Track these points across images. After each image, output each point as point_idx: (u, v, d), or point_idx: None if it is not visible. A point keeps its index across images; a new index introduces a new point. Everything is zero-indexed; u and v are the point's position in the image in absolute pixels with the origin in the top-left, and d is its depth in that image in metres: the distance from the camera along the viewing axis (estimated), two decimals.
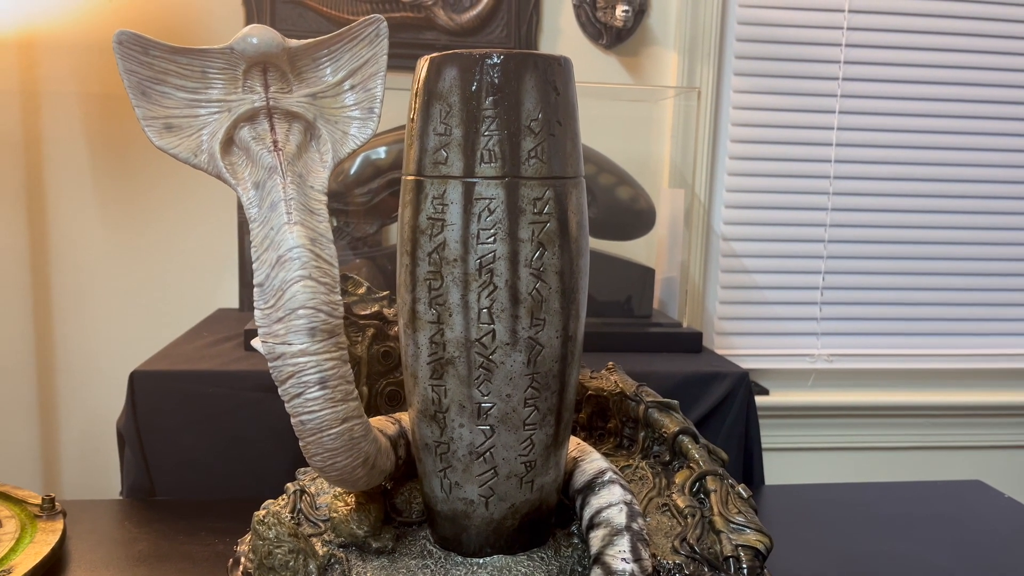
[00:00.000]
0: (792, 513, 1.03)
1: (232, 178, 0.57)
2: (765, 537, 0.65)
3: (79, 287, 1.55)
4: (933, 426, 1.77)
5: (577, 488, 0.67)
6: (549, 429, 0.62)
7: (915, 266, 1.73)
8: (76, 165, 1.52)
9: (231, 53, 0.56)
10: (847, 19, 1.63)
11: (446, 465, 0.62)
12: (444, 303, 0.59)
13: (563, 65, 0.60)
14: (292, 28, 1.48)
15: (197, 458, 1.10)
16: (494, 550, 0.64)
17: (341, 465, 0.58)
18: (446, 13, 1.51)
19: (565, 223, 0.59)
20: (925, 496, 1.09)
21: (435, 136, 0.58)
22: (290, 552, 0.62)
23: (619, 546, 0.59)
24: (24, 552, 0.79)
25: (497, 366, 0.59)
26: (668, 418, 0.76)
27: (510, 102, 0.57)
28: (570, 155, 0.60)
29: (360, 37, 0.59)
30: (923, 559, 0.90)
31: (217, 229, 1.55)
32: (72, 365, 1.56)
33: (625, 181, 1.41)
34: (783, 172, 1.67)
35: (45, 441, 1.57)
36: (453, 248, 0.58)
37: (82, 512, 0.93)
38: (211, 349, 1.23)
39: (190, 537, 0.89)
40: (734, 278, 1.69)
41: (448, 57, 0.58)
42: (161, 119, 0.56)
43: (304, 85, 0.59)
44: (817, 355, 1.73)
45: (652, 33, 1.61)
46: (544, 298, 0.59)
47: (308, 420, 0.56)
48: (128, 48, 0.54)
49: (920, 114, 1.68)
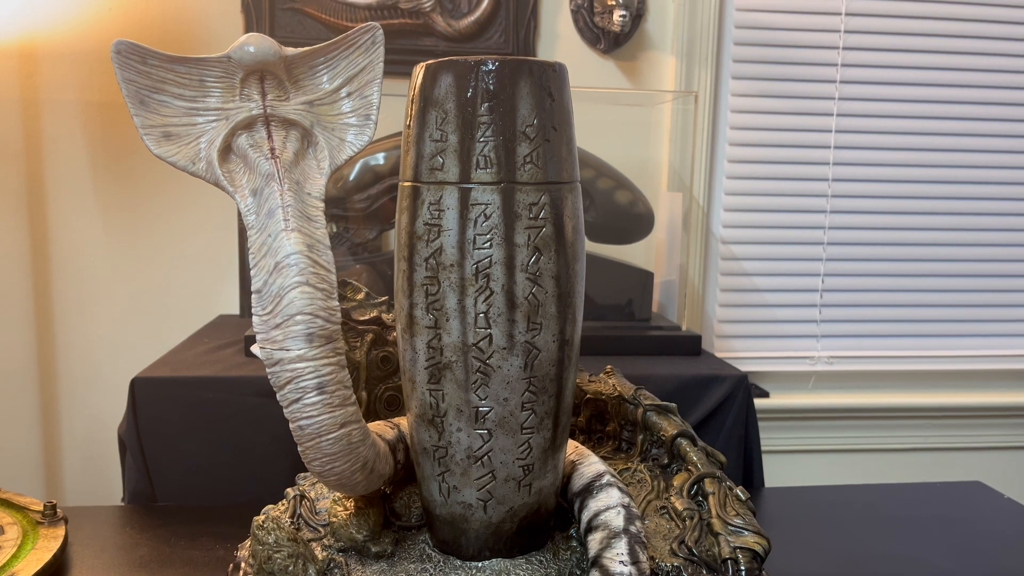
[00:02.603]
0: (792, 515, 1.03)
1: (230, 185, 0.58)
2: (763, 539, 0.65)
3: (80, 294, 1.55)
4: (933, 427, 1.77)
5: (575, 491, 0.67)
6: (547, 433, 0.62)
7: (914, 267, 1.73)
8: (77, 172, 1.52)
9: (228, 62, 0.56)
10: (844, 22, 1.63)
11: (444, 469, 0.63)
12: (441, 308, 0.59)
13: (558, 71, 0.60)
14: (291, 36, 1.49)
15: (198, 464, 1.11)
16: (493, 553, 0.65)
17: (340, 470, 0.59)
18: (444, 19, 1.52)
19: (561, 228, 0.60)
20: (925, 497, 1.09)
21: (431, 142, 0.59)
22: (289, 557, 0.62)
23: (617, 549, 0.59)
24: (26, 559, 0.79)
25: (494, 370, 0.59)
26: (666, 421, 0.76)
27: (505, 108, 0.57)
28: (565, 160, 0.60)
29: (356, 44, 0.60)
30: (924, 560, 0.90)
31: (218, 236, 1.56)
32: (73, 371, 1.57)
33: (624, 185, 1.42)
34: (781, 175, 1.67)
35: (47, 447, 1.58)
36: (450, 253, 0.58)
37: (84, 518, 0.94)
38: (212, 355, 1.23)
39: (191, 543, 0.89)
40: (733, 281, 1.69)
41: (443, 64, 0.58)
42: (159, 127, 0.57)
43: (301, 93, 0.59)
44: (817, 357, 1.73)
45: (650, 37, 1.61)
46: (540, 302, 0.59)
47: (306, 425, 0.56)
48: (126, 57, 0.55)
49: (918, 116, 1.68)
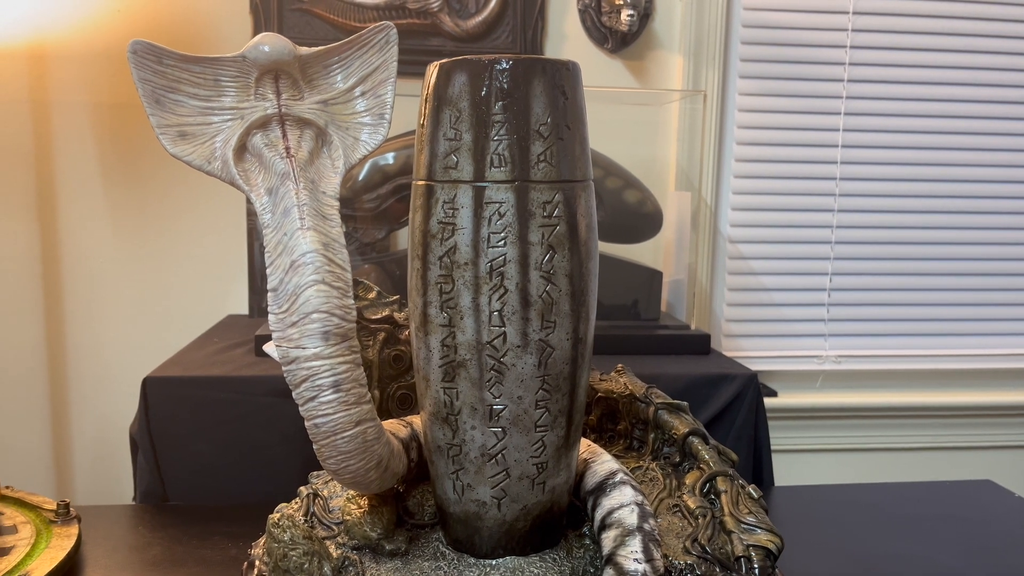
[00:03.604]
0: (802, 514, 1.03)
1: (245, 184, 0.58)
2: (776, 537, 0.65)
3: (90, 294, 1.56)
4: (942, 426, 1.77)
5: (588, 489, 0.67)
6: (560, 431, 0.63)
7: (922, 266, 1.73)
8: (87, 173, 1.53)
9: (243, 61, 0.56)
10: (851, 21, 1.63)
11: (458, 467, 0.63)
12: (455, 306, 0.59)
13: (571, 70, 0.60)
14: (299, 36, 1.49)
15: (209, 463, 1.11)
16: (506, 551, 0.65)
17: (355, 468, 0.59)
18: (452, 19, 1.52)
19: (575, 226, 0.60)
20: (935, 496, 1.09)
21: (445, 141, 0.59)
22: (305, 555, 0.62)
23: (631, 547, 0.59)
24: (40, 557, 0.79)
25: (508, 368, 0.60)
26: (678, 420, 0.76)
27: (519, 107, 0.58)
28: (579, 159, 0.61)
29: (370, 44, 0.60)
30: (933, 559, 0.90)
31: (226, 236, 1.56)
32: (84, 371, 1.57)
33: (632, 184, 1.42)
34: (789, 174, 1.67)
35: (57, 447, 1.58)
36: (464, 252, 0.58)
37: (96, 517, 0.94)
38: (222, 355, 1.24)
39: (204, 541, 0.90)
40: (741, 280, 1.69)
41: (457, 63, 0.59)
42: (175, 127, 0.57)
43: (315, 92, 0.60)
44: (825, 356, 1.73)
45: (657, 37, 1.61)
46: (554, 301, 0.59)
47: (322, 423, 0.56)
48: (142, 57, 0.55)
49: (926, 115, 1.68)
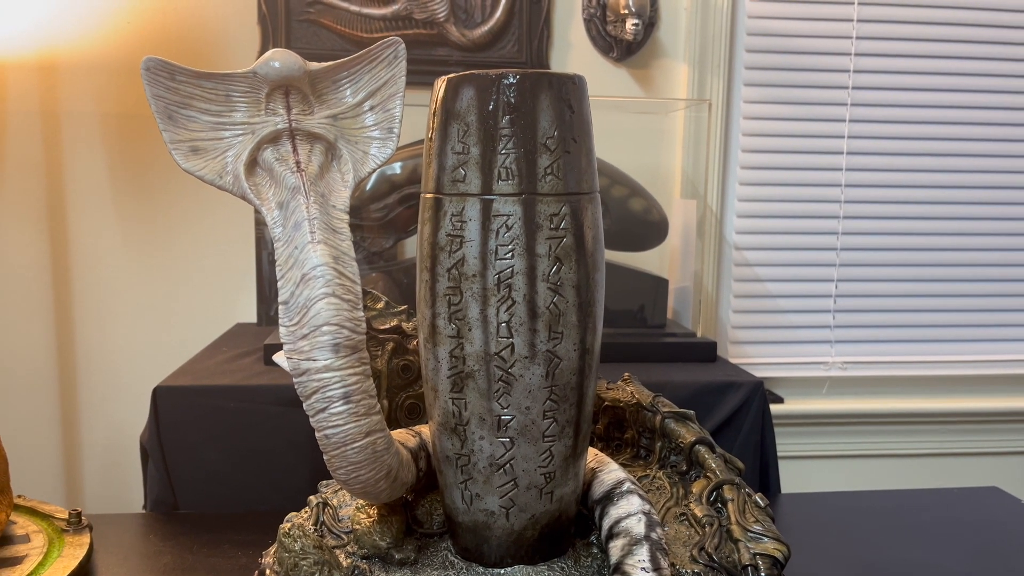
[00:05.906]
0: (809, 521, 1.03)
1: (256, 198, 0.59)
2: (783, 545, 0.65)
3: (100, 304, 1.57)
4: (948, 432, 1.76)
5: (596, 499, 0.67)
6: (568, 440, 0.63)
7: (928, 272, 1.73)
8: (96, 184, 1.54)
9: (254, 77, 0.57)
10: (856, 29, 1.64)
11: (467, 477, 0.63)
12: (463, 318, 0.60)
13: (577, 83, 0.61)
14: (307, 47, 1.50)
15: (219, 471, 1.12)
16: (515, 560, 0.65)
17: (364, 478, 0.60)
18: (458, 29, 1.53)
19: (581, 238, 0.60)
20: (941, 503, 1.09)
21: (453, 155, 0.60)
22: (316, 564, 0.63)
23: (639, 555, 0.59)
24: (53, 566, 0.80)
25: (516, 379, 0.60)
26: (684, 428, 0.77)
27: (526, 121, 0.58)
28: (585, 171, 0.61)
29: (379, 59, 0.61)
30: (940, 566, 0.90)
31: (235, 246, 1.57)
32: (93, 380, 1.58)
33: (638, 193, 1.42)
34: (794, 181, 1.68)
35: (67, 455, 1.59)
36: (472, 264, 0.59)
37: (107, 526, 0.95)
38: (231, 364, 1.25)
39: (214, 550, 0.90)
40: (747, 287, 1.69)
41: (465, 78, 0.59)
42: (187, 142, 0.58)
43: (325, 107, 0.60)
44: (831, 363, 1.73)
45: (662, 46, 1.62)
46: (561, 312, 0.60)
47: (332, 434, 0.57)
48: (155, 74, 0.56)
49: (931, 121, 1.68)
